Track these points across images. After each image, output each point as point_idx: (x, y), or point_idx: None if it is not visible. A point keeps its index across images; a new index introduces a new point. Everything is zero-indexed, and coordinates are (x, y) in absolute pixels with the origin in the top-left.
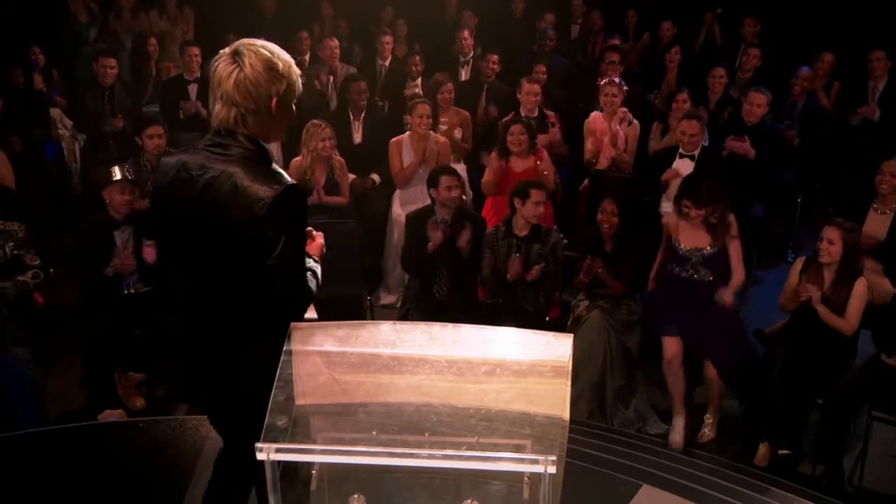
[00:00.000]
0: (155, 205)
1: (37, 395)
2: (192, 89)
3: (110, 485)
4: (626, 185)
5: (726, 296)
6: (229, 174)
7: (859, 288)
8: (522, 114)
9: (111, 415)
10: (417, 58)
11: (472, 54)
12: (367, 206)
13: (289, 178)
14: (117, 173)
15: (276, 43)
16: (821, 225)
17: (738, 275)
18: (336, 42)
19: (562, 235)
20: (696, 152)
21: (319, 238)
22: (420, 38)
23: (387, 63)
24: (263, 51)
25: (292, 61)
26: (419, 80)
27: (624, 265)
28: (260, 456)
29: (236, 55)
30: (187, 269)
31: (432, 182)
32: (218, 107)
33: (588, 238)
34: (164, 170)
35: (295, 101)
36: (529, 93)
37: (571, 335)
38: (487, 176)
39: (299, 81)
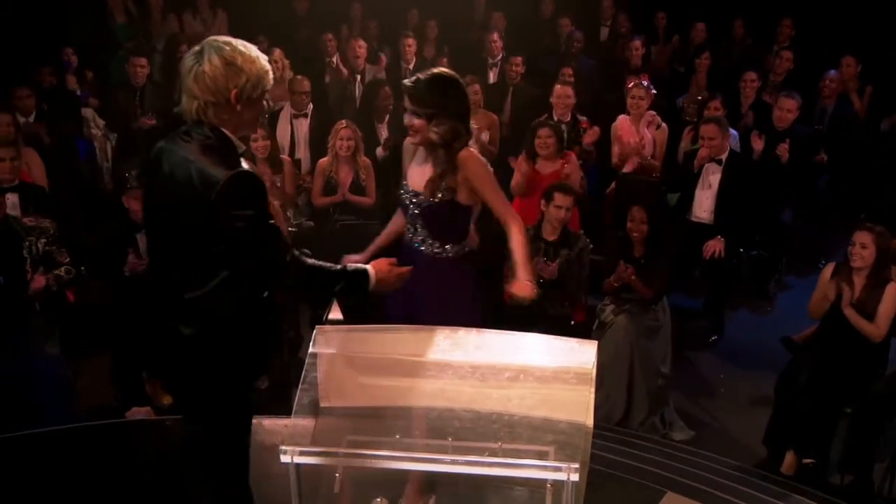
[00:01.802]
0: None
1: (68, 393)
2: None
3: (136, 482)
4: (653, 189)
5: None
6: (188, 161)
7: (890, 292)
8: (554, 118)
9: (139, 412)
10: (444, 60)
11: (500, 56)
12: (393, 208)
13: (244, 165)
14: (132, 181)
15: (306, 43)
16: (852, 230)
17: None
18: (363, 43)
19: (588, 240)
20: (724, 157)
21: (394, 270)
22: (448, 40)
23: (411, 66)
24: (226, 47)
25: (258, 56)
26: None
27: (653, 270)
28: (284, 459)
29: (200, 52)
30: (157, 252)
31: None
32: (184, 99)
33: (616, 242)
34: (149, 155)
35: (263, 93)
36: (561, 96)
37: (596, 342)
38: (515, 179)
39: (267, 76)
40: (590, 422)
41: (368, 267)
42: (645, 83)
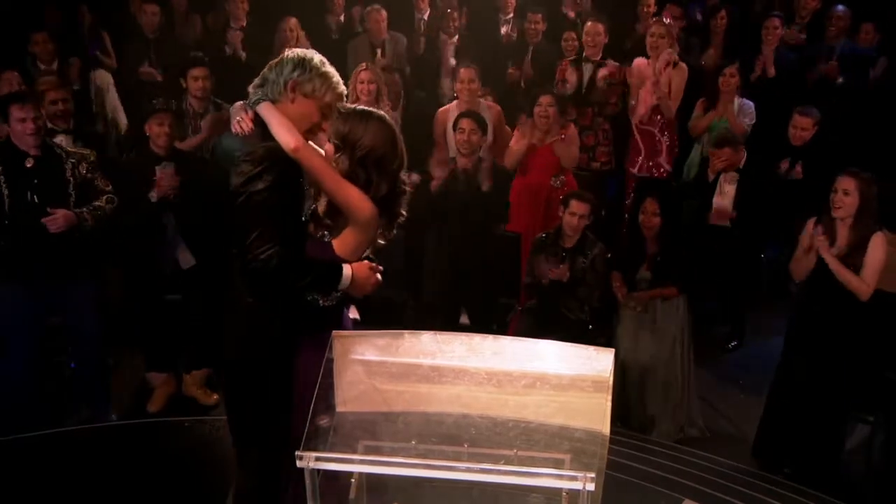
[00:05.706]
0: None
1: (106, 383)
2: (236, 37)
3: (154, 482)
4: (667, 188)
5: None
6: None
7: (876, 243)
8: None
9: (158, 378)
10: (455, 13)
11: (513, 14)
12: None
13: (277, 146)
14: (160, 103)
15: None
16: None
17: None
18: (384, 14)
19: (604, 246)
20: (741, 165)
21: (371, 274)
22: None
23: (425, 16)
24: None
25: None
26: (456, 38)
27: (672, 267)
28: (300, 464)
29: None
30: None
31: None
32: None
33: (631, 241)
34: None
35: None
36: (591, 33)
37: (612, 350)
38: (513, 143)
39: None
40: (607, 430)
41: (345, 266)
42: (667, 20)
